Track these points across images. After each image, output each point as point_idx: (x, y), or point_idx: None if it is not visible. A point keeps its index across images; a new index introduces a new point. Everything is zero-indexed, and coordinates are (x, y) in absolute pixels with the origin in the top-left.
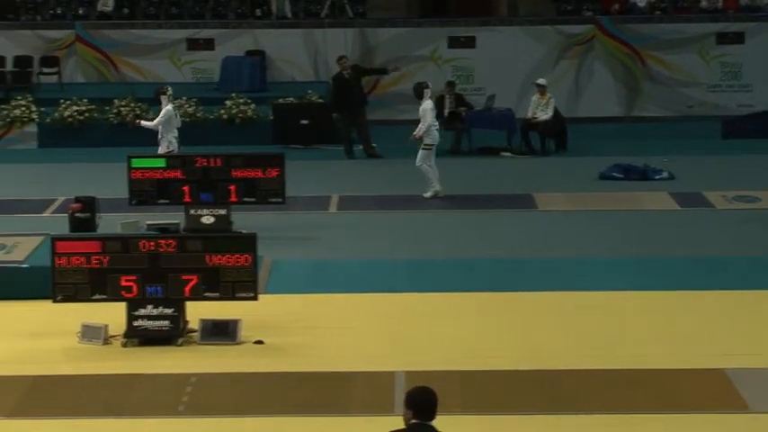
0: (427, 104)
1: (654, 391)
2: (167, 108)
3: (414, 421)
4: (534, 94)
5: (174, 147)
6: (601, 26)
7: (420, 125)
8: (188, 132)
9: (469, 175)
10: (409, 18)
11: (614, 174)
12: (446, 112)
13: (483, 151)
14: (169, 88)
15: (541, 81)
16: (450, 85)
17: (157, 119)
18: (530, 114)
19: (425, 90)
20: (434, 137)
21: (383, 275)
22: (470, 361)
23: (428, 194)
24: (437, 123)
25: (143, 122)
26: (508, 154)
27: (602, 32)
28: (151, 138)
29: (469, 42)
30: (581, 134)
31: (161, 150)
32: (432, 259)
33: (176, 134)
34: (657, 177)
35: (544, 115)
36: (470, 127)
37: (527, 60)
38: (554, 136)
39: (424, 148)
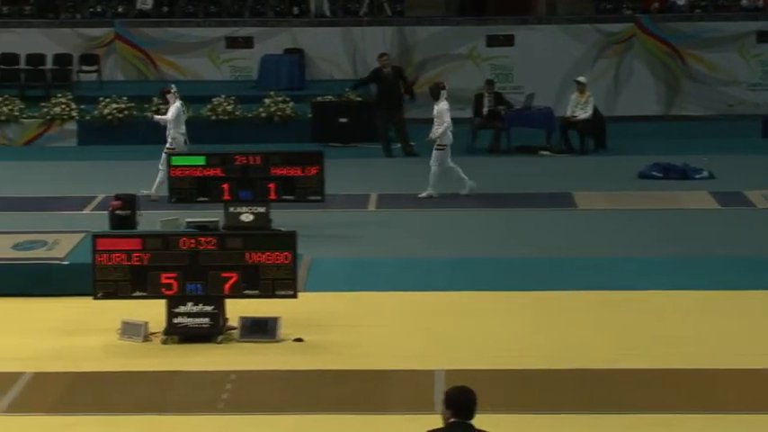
0: (443, 105)
1: (693, 391)
2: (176, 105)
3: (453, 420)
4: (573, 92)
5: (180, 143)
6: (640, 24)
7: (436, 126)
8: (226, 130)
9: (508, 173)
10: (448, 16)
11: (654, 173)
12: (485, 110)
13: (522, 150)
14: (173, 86)
15: (581, 79)
16: (490, 83)
17: (169, 114)
18: (569, 113)
19: (442, 91)
20: (449, 138)
21: (422, 274)
22: (509, 360)
23: (423, 194)
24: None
25: (156, 117)
26: (547, 153)
27: (641, 31)
28: (191, 135)
29: (508, 41)
30: (620, 133)
31: (167, 146)
32: (470, 258)
33: (184, 130)
34: (697, 176)
35: (583, 114)
36: (509, 126)
37: (566, 59)
38: (593, 135)
39: (437, 149)
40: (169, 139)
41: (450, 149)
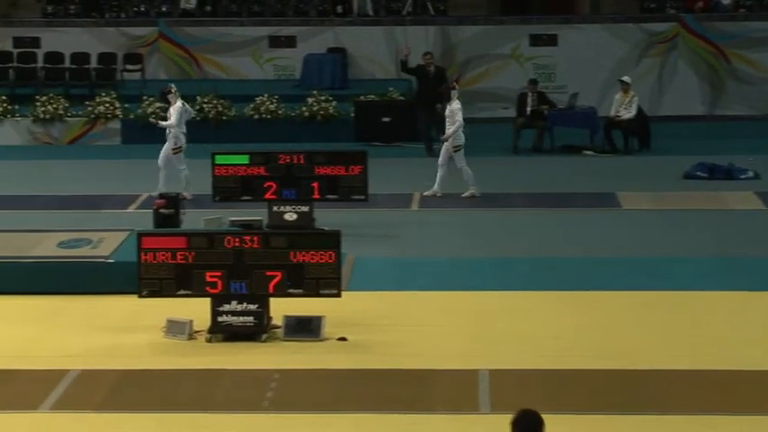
0: (455, 105)
1: (740, 393)
2: (177, 105)
3: None
4: (617, 92)
5: (182, 142)
6: (684, 24)
7: (448, 126)
8: (269, 129)
9: (552, 173)
10: (491, 16)
11: (699, 173)
12: (528, 110)
13: (565, 150)
14: (173, 86)
15: (625, 78)
16: (533, 82)
17: (173, 117)
18: (613, 113)
19: (453, 91)
20: (461, 138)
21: (465, 273)
22: (554, 360)
23: (466, 194)
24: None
25: (161, 123)
26: (590, 152)
27: (685, 30)
28: (234, 134)
29: (551, 40)
30: (664, 133)
31: (169, 146)
32: (514, 257)
33: (185, 129)
34: (742, 177)
35: (627, 114)
36: (552, 125)
37: (609, 58)
38: (637, 134)
39: (454, 150)
40: (173, 139)
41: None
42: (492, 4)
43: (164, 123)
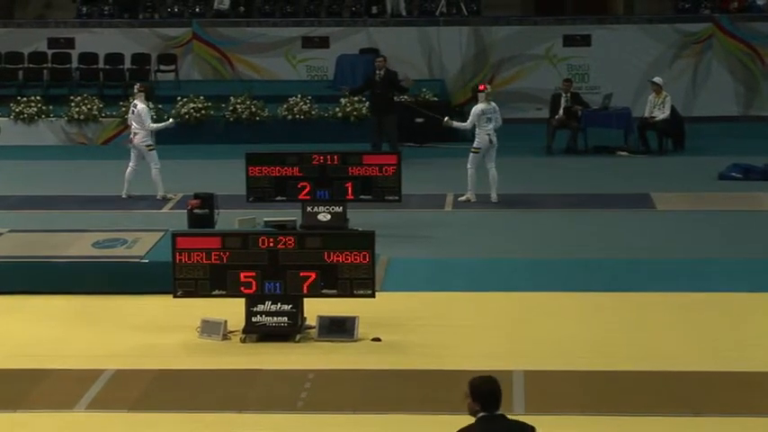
0: (476, 107)
1: None
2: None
3: (483, 414)
4: (651, 92)
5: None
6: (719, 24)
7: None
8: (302, 130)
9: (586, 174)
10: (524, 16)
11: (733, 174)
12: (561, 110)
13: (599, 150)
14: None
15: (657, 79)
16: (568, 82)
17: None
18: (647, 113)
19: (479, 93)
20: (482, 140)
21: (500, 274)
22: (589, 361)
23: (463, 198)
24: (488, 129)
25: (156, 125)
26: (625, 153)
27: (720, 31)
28: (268, 135)
29: (585, 41)
30: (698, 133)
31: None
32: (548, 258)
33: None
34: None
35: (662, 114)
36: (586, 126)
37: (643, 59)
38: (672, 135)
39: (472, 152)
40: (150, 140)
41: (483, 153)
42: (525, 4)
43: (159, 125)
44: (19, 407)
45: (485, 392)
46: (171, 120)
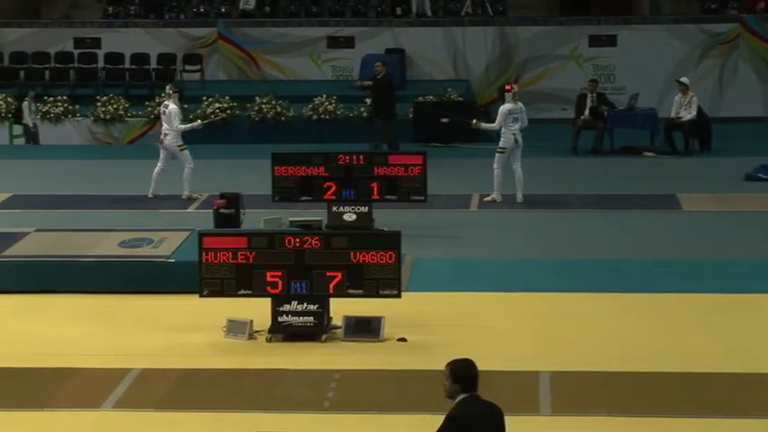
0: (503, 108)
1: None
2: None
3: (464, 396)
4: (677, 93)
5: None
6: (746, 25)
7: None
8: (328, 130)
9: (612, 174)
10: (550, 16)
11: (760, 175)
12: (587, 110)
13: (625, 151)
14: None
15: (683, 80)
16: (593, 82)
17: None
18: (673, 114)
19: (506, 93)
20: (507, 140)
21: (525, 274)
22: (616, 362)
23: (488, 198)
24: (514, 129)
25: (184, 126)
26: (651, 154)
27: (746, 31)
28: (293, 135)
29: (611, 41)
30: (724, 134)
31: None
32: (574, 259)
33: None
34: None
35: (688, 115)
36: (612, 127)
37: (669, 59)
38: (698, 136)
39: (498, 152)
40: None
41: (508, 154)
42: (551, 4)
43: (191, 126)
44: (46, 406)
45: (466, 375)
46: (199, 121)
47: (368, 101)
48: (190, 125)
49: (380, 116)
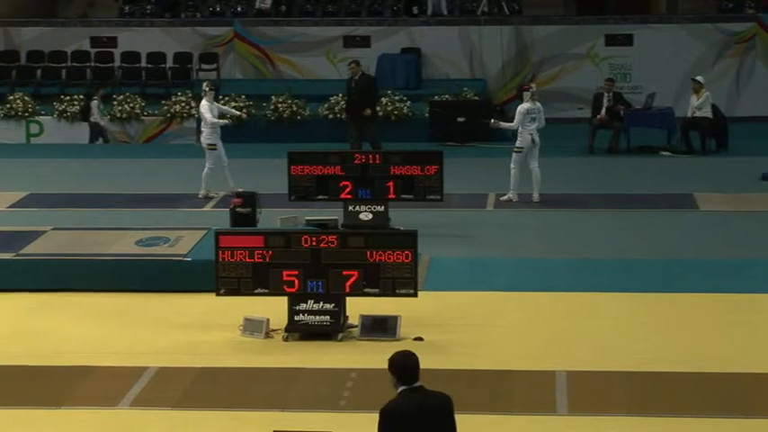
0: (522, 107)
1: None
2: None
3: (403, 387)
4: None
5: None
6: (763, 24)
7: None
8: (344, 129)
9: (628, 174)
10: (566, 15)
11: None
12: (603, 109)
13: (642, 150)
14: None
15: (698, 78)
16: (610, 81)
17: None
18: (690, 113)
19: (524, 93)
20: (524, 140)
21: (542, 274)
22: (632, 362)
23: (505, 198)
24: (531, 128)
25: (214, 120)
26: (667, 153)
27: (764, 30)
28: (309, 134)
29: (627, 40)
30: (741, 133)
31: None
32: (591, 258)
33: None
34: None
35: (704, 113)
36: (628, 126)
37: (686, 59)
38: (715, 135)
39: (515, 151)
40: (212, 138)
41: (525, 153)
42: (567, 3)
43: (221, 120)
44: (63, 404)
45: (402, 367)
46: (232, 112)
47: (385, 100)
48: (221, 120)
49: (359, 119)
